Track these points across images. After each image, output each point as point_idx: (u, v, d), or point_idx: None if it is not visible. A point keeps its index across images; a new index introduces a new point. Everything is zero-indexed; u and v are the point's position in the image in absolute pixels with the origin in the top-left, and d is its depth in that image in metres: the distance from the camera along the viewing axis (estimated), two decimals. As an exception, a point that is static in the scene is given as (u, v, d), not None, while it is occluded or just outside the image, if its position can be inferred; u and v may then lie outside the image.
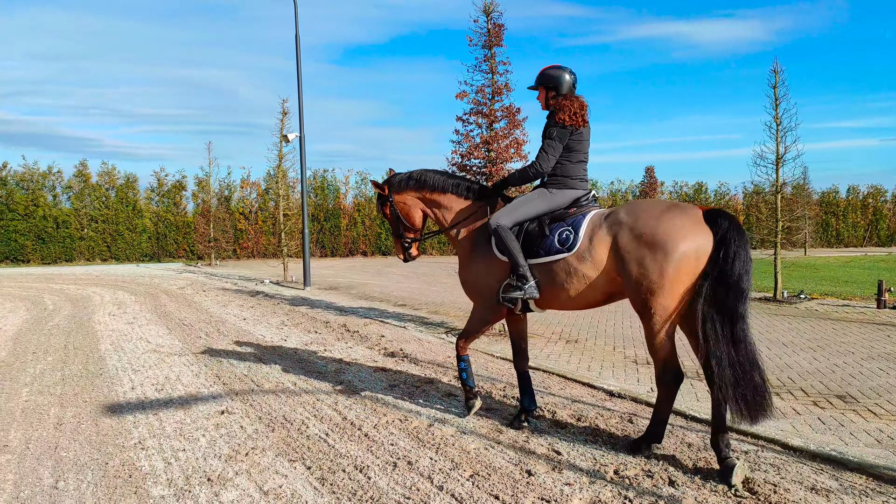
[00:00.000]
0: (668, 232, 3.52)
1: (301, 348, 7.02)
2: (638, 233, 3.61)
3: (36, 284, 14.56)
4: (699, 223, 3.53)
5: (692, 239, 3.48)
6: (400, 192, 4.67)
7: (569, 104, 4.08)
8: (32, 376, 5.74)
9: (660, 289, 3.51)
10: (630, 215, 3.71)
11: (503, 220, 4.10)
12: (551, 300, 4.08)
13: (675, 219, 3.56)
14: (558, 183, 4.14)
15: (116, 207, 24.42)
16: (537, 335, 7.75)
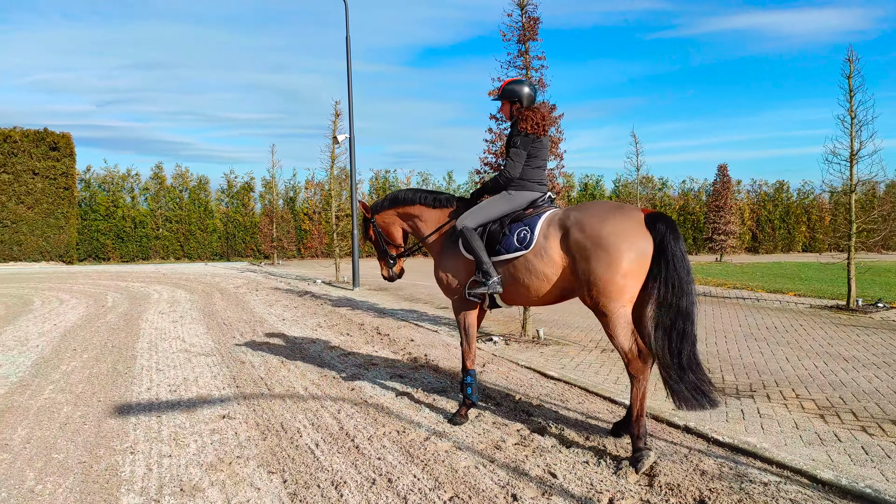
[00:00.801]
0: (611, 234, 3.78)
1: (326, 351, 6.96)
2: (584, 234, 3.88)
3: (106, 282, 15.32)
4: (640, 227, 3.79)
5: (633, 241, 3.75)
6: (379, 212, 5.06)
7: (531, 115, 4.41)
8: (62, 373, 5.92)
9: (605, 287, 3.78)
10: (578, 217, 3.99)
11: (468, 221, 4.42)
12: (514, 295, 4.37)
13: (619, 222, 3.82)
14: (518, 185, 4.45)
15: (189, 208, 25.48)
16: (573, 342, 7.39)
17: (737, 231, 25.03)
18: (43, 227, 21.40)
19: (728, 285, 13.75)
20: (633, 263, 3.74)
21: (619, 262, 3.73)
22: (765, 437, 4.15)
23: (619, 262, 3.73)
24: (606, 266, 3.75)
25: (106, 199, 24.20)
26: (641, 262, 3.75)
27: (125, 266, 22.08)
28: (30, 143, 21.15)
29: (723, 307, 10.46)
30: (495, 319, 9.19)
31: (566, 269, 4.00)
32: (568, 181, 30.18)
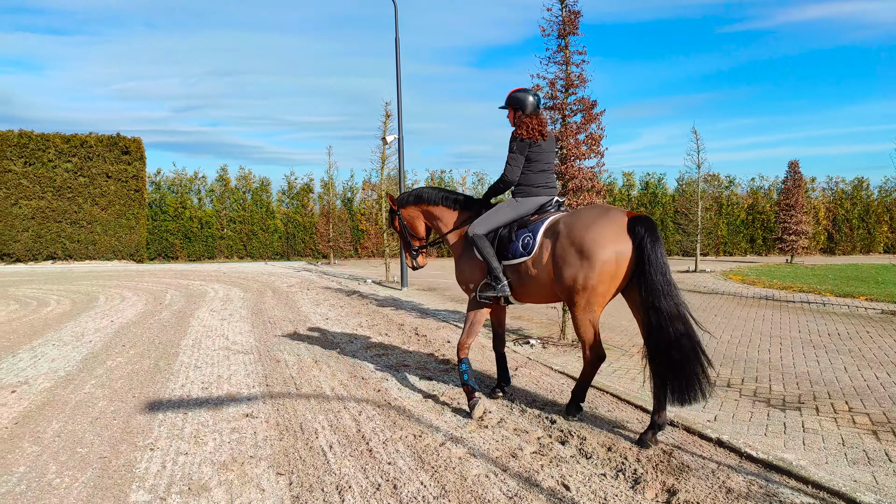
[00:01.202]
0: (592, 240, 3.99)
1: (361, 351, 6.97)
2: (569, 239, 4.11)
3: (169, 280, 15.97)
4: (621, 231, 3.96)
5: (612, 246, 3.94)
6: (405, 206, 5.32)
7: (528, 121, 4.62)
8: (106, 369, 6.15)
9: (583, 288, 4.03)
10: (567, 223, 4.23)
11: (478, 228, 4.64)
12: (523, 295, 4.62)
13: (600, 227, 4.02)
14: (523, 192, 4.66)
15: (252, 209, 26.27)
16: (614, 346, 7.13)
17: (809, 231, 23.70)
18: (115, 227, 22.54)
19: (794, 288, 13.01)
20: (611, 267, 3.96)
21: (598, 267, 3.96)
22: (804, 453, 3.85)
23: (597, 267, 3.96)
24: (585, 269, 4.00)
25: (175, 201, 25.24)
26: (620, 264, 3.96)
27: (190, 265, 22.97)
28: (104, 148, 22.31)
29: (783, 311, 9.89)
30: (537, 321, 9.00)
31: (549, 272, 4.28)
32: (629, 179, 29.43)
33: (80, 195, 22.03)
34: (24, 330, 8.37)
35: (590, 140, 7.05)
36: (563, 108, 7.16)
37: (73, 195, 21.93)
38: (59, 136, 21.86)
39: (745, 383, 5.60)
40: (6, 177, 21.05)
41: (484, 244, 4.57)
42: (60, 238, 21.82)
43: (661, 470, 3.62)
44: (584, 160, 7.05)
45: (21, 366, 6.28)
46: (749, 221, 29.44)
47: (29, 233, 21.38)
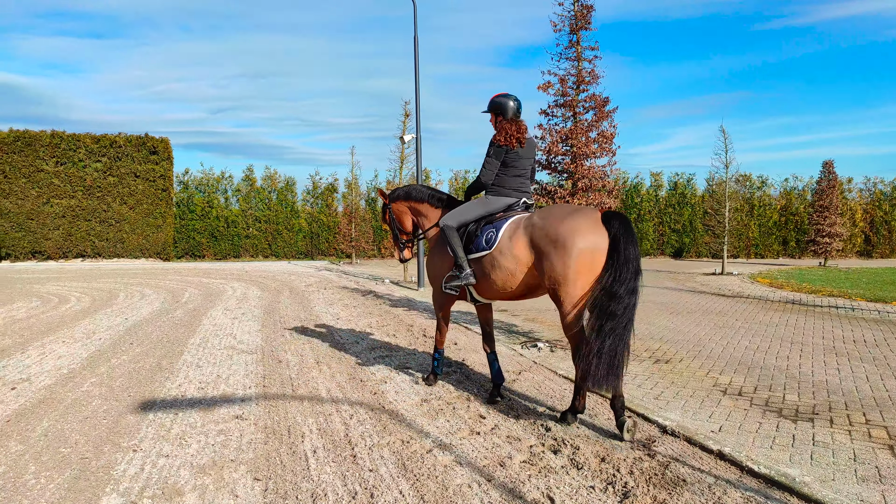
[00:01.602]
0: (568, 232, 4.13)
1: (366, 353, 6.88)
2: (545, 233, 4.25)
3: (191, 278, 16.14)
4: (597, 224, 4.13)
5: (588, 238, 4.09)
6: (395, 201, 5.60)
7: (507, 127, 4.82)
8: (109, 367, 6.17)
9: (564, 280, 4.14)
10: (540, 218, 4.38)
11: (449, 221, 4.90)
12: (486, 290, 4.78)
13: (575, 221, 4.17)
14: (495, 192, 4.89)
15: (277, 208, 26.47)
16: (624, 352, 6.90)
17: (844, 233, 22.93)
18: (143, 226, 22.92)
19: (823, 292, 12.55)
20: (588, 258, 4.09)
21: (576, 258, 4.09)
22: (811, 468, 3.62)
23: (575, 258, 4.09)
24: (564, 262, 4.12)
25: (202, 200, 25.57)
26: (596, 256, 4.09)
27: (216, 263, 23.24)
28: (132, 148, 22.71)
29: (809, 316, 9.52)
30: (549, 324, 8.80)
31: (531, 266, 4.40)
32: (656, 180, 28.88)
33: (109, 194, 22.46)
34: (39, 327, 8.48)
35: (601, 138, 6.85)
36: (574, 105, 6.97)
37: (103, 194, 22.37)
38: (89, 136, 22.33)
39: (757, 392, 5.35)
40: (38, 176, 21.57)
41: (452, 235, 4.84)
42: (90, 236, 22.28)
43: (654, 483, 3.44)
44: (595, 158, 6.85)
45: (28, 362, 6.33)
46: (782, 223, 28.65)
47: (60, 231, 21.88)
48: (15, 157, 21.37)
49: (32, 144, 21.58)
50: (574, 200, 6.76)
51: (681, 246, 28.50)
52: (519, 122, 4.90)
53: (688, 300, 11.85)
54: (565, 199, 6.82)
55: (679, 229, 28.26)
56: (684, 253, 28.38)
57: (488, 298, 4.93)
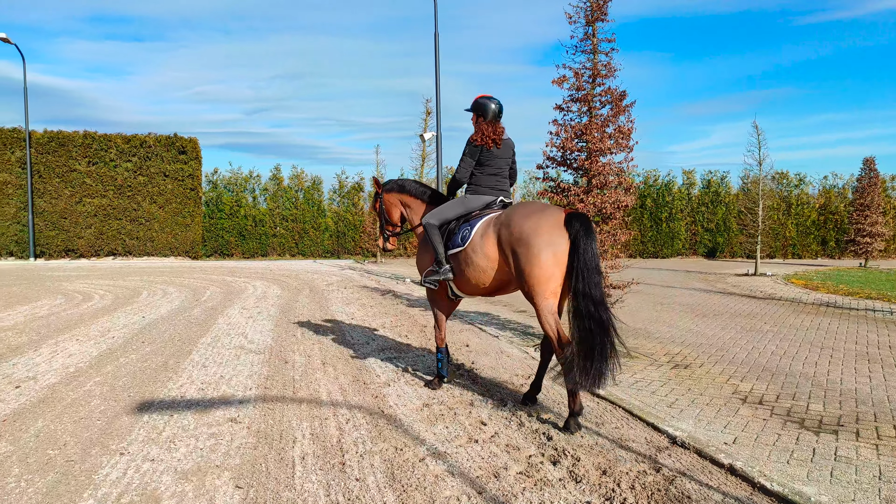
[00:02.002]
0: (531, 231, 4.26)
1: (375, 354, 6.74)
2: (510, 232, 4.40)
3: (216, 276, 16.26)
4: (558, 224, 4.25)
5: (549, 238, 4.21)
6: (388, 192, 5.69)
7: (484, 128, 5.01)
8: (115, 366, 6.15)
9: (531, 278, 4.25)
10: (507, 217, 4.52)
11: (431, 219, 5.05)
12: (463, 285, 4.93)
13: (538, 220, 4.29)
14: (473, 190, 5.06)
15: (304, 207, 26.61)
16: (644, 355, 6.64)
17: (886, 233, 22.05)
18: (172, 224, 23.26)
19: (860, 294, 12.01)
20: (550, 257, 4.19)
21: (538, 257, 4.21)
22: (830, 487, 3.35)
23: (538, 257, 4.21)
24: (527, 260, 4.25)
25: (230, 199, 25.84)
26: (558, 256, 4.20)
27: (242, 262, 23.44)
28: (162, 148, 23.06)
29: (843, 320, 9.08)
30: (568, 326, 8.54)
31: (501, 263, 4.55)
32: (689, 178, 28.18)
33: (140, 193, 22.84)
34: (57, 324, 8.56)
35: (618, 133, 6.58)
36: (589, 100, 6.72)
37: (133, 193, 22.76)
38: (120, 136, 22.74)
39: (779, 400, 5.05)
40: (71, 176, 22.04)
41: (433, 232, 5.00)
42: (121, 235, 22.69)
43: (656, 500, 3.21)
44: (611, 155, 6.59)
45: (38, 360, 6.36)
46: (821, 222, 27.73)
47: (92, 230, 22.33)
48: (49, 158, 21.88)
49: (66, 145, 22.07)
50: (588, 198, 6.52)
51: (714, 246, 27.79)
52: (496, 124, 5.08)
53: (716, 302, 11.45)
54: (580, 197, 6.58)
55: (712, 228, 27.56)
56: (718, 253, 27.67)
57: (466, 293, 5.07)
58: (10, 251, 21.77)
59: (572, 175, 7.03)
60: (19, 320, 8.90)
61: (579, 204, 6.49)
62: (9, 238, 21.62)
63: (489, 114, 5.08)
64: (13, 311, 9.83)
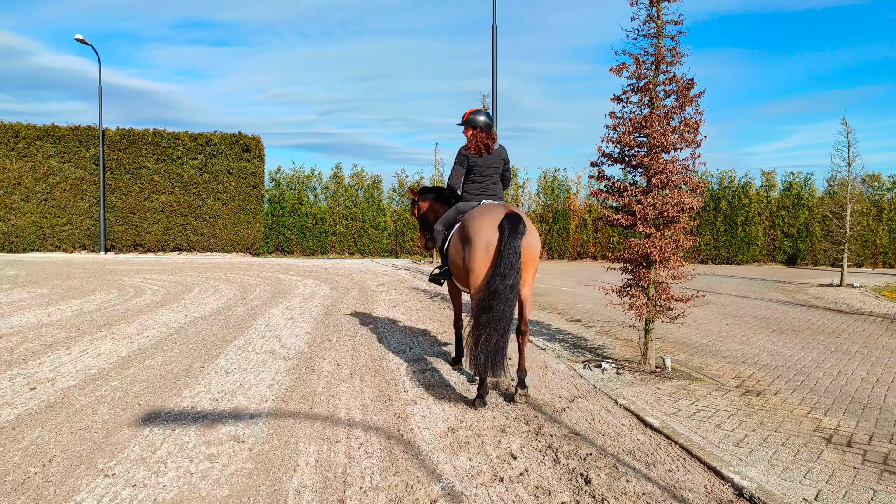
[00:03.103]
0: (472, 231, 4.79)
1: (409, 364, 6.25)
2: (461, 231, 4.96)
3: (270, 274, 16.24)
4: (494, 224, 4.70)
5: (484, 236, 4.70)
6: (422, 199, 6.34)
7: (479, 136, 5.46)
8: (137, 369, 5.91)
9: (470, 270, 4.78)
10: (466, 217, 5.04)
11: (439, 225, 5.67)
12: (459, 281, 5.36)
13: (480, 221, 4.79)
14: (464, 197, 5.53)
15: (363, 206, 26.53)
16: (709, 377, 5.88)
17: None
18: (234, 221, 23.59)
19: (966, 312, 10.62)
20: (484, 252, 4.69)
21: (474, 252, 4.72)
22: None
23: (474, 252, 4.73)
24: (468, 254, 4.79)
25: (292, 197, 26.04)
26: (490, 251, 4.68)
27: (300, 260, 23.55)
28: (226, 146, 23.43)
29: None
30: (625, 339, 7.81)
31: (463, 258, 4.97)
32: (768, 179, 26.38)
33: (205, 190, 23.27)
34: (100, 321, 8.51)
35: (684, 127, 5.84)
36: (651, 89, 6.00)
37: (198, 190, 23.21)
38: (187, 134, 23.24)
39: (873, 442, 4.24)
40: (140, 172, 22.69)
41: (439, 236, 5.71)
42: (185, 231, 23.19)
43: (713, 579, 2.55)
44: (675, 151, 5.85)
45: (65, 359, 6.20)
46: (916, 229, 25.39)
47: (159, 225, 22.92)
48: (120, 155, 22.59)
49: (136, 142, 22.73)
50: (647, 199, 5.81)
51: (795, 252, 25.92)
52: (489, 133, 5.54)
53: (795, 316, 10.37)
54: (637, 198, 5.88)
55: (793, 234, 25.72)
56: (798, 260, 25.80)
57: (462, 287, 5.51)
58: (83, 245, 22.61)
59: (629, 173, 6.32)
60: (66, 315, 8.92)
61: (636, 206, 5.79)
62: (82, 232, 22.46)
63: (480, 125, 5.53)
64: (65, 305, 9.92)
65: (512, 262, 4.54)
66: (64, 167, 22.24)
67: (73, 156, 22.31)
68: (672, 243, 5.70)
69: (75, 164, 22.30)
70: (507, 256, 4.53)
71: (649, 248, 5.78)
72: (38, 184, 22.00)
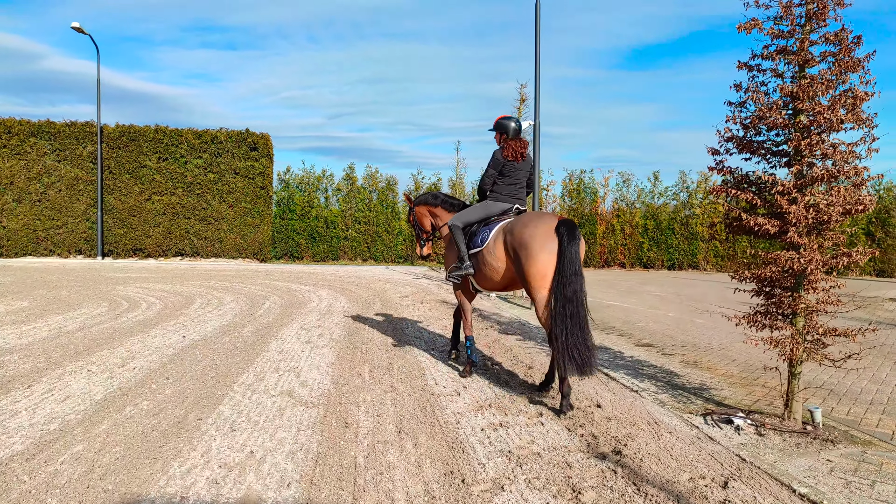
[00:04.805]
0: (529, 237, 4.97)
1: (469, 415, 4.75)
2: (513, 237, 5.13)
3: (280, 283, 14.76)
4: (551, 230, 4.92)
5: (543, 242, 4.89)
6: (418, 205, 6.61)
7: (513, 144, 5.71)
8: (114, 423, 4.41)
9: (529, 277, 4.94)
10: (513, 224, 5.25)
11: (456, 221, 5.83)
12: (481, 280, 5.68)
13: (535, 227, 5.00)
14: (494, 197, 5.80)
15: (377, 209, 25.04)
16: (880, 440, 4.34)
17: None
18: (241, 225, 22.11)
19: None
20: (545, 258, 4.87)
21: (536, 258, 4.89)
22: None
23: (535, 258, 4.90)
24: (527, 260, 4.94)
25: (302, 199, 24.59)
26: (552, 257, 4.86)
27: (311, 266, 22.07)
28: (233, 144, 21.97)
29: None
30: (723, 372, 6.27)
31: (508, 264, 5.29)
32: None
33: (209, 191, 21.81)
34: (79, 345, 7.04)
35: (845, 98, 4.32)
36: (801, 50, 4.48)
37: (203, 191, 21.75)
38: (191, 131, 21.80)
39: None
40: (141, 172, 21.25)
41: (458, 233, 5.74)
42: (189, 234, 21.71)
43: None
44: (838, 132, 4.33)
45: (20, 406, 4.72)
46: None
47: (160, 228, 21.46)
48: (119, 153, 21.17)
49: (136, 139, 21.31)
50: (803, 198, 4.29)
51: None
52: (522, 139, 5.75)
53: (899, 339, 8.80)
54: (790, 196, 4.35)
55: None
56: None
57: (484, 288, 5.71)
58: (80, 249, 21.18)
59: (763, 163, 4.80)
60: (40, 336, 7.45)
61: (791, 206, 4.25)
62: (78, 235, 21.04)
63: (510, 131, 5.78)
64: (43, 322, 8.46)
65: (575, 266, 4.77)
66: (59, 166, 20.84)
67: (70, 154, 20.92)
68: (843, 257, 4.17)
69: (72, 163, 20.91)
70: (570, 260, 4.75)
71: (806, 263, 4.25)
72: (31, 183, 20.60)
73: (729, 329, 9.25)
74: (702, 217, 24.28)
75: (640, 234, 24.56)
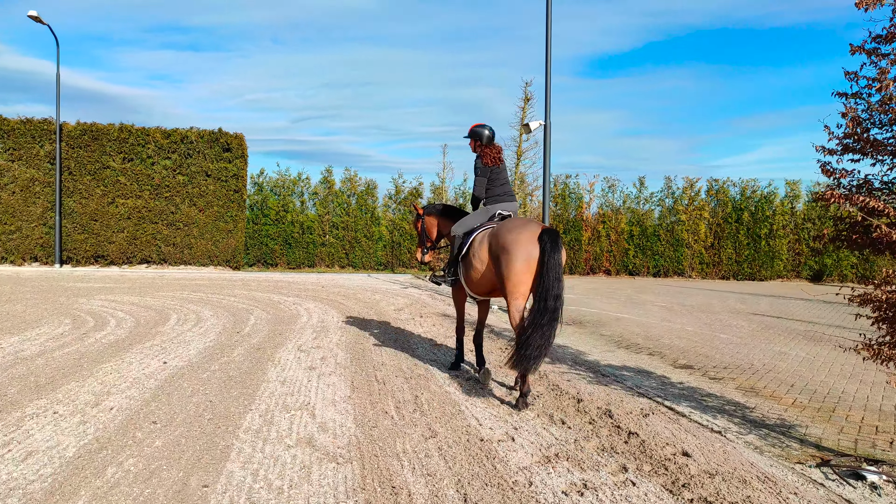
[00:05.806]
0: (511, 243, 5.16)
1: (543, 474, 3.86)
2: (497, 242, 5.30)
3: (260, 294, 13.66)
4: (534, 238, 5.13)
5: (524, 248, 5.10)
6: (427, 215, 6.83)
7: (489, 151, 6.16)
8: (105, 486, 3.41)
9: (508, 280, 5.16)
10: (497, 229, 5.45)
11: (458, 230, 6.12)
12: (469, 285, 5.84)
13: (520, 233, 5.20)
14: (489, 201, 6.13)
15: (356, 214, 23.98)
16: None
17: None
18: (213, 230, 20.80)
19: None
20: (524, 265, 5.08)
21: (515, 263, 5.09)
22: None
23: (514, 263, 5.09)
24: (507, 265, 5.14)
25: (276, 204, 23.40)
26: (530, 264, 5.09)
27: (288, 274, 20.91)
28: (204, 144, 20.66)
29: None
30: (793, 402, 5.51)
31: (491, 268, 5.42)
32: (793, 189, 24.58)
33: (178, 195, 20.46)
34: (42, 374, 5.95)
35: None
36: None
37: (171, 194, 20.37)
38: (159, 130, 20.42)
39: None
40: (104, 173, 19.78)
41: (457, 241, 6.11)
42: (156, 240, 20.30)
43: None
44: None
45: (-33, 470, 3.67)
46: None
47: (124, 234, 20.01)
48: (80, 153, 19.69)
49: (99, 138, 19.86)
50: None
51: (821, 268, 24.22)
52: (495, 145, 6.24)
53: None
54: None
55: (820, 248, 23.97)
56: (825, 276, 24.07)
57: (473, 293, 5.91)
58: (35, 256, 19.62)
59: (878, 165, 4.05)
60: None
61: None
62: (33, 241, 19.48)
63: (484, 138, 6.17)
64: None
65: (558, 274, 5.00)
66: (13, 166, 19.29)
67: (25, 153, 19.39)
68: None
69: (27, 163, 19.38)
70: (552, 269, 4.98)
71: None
72: (-19, 185, 19.00)
73: (756, 345, 8.59)
74: (687, 224, 23.92)
75: (625, 240, 24.05)
